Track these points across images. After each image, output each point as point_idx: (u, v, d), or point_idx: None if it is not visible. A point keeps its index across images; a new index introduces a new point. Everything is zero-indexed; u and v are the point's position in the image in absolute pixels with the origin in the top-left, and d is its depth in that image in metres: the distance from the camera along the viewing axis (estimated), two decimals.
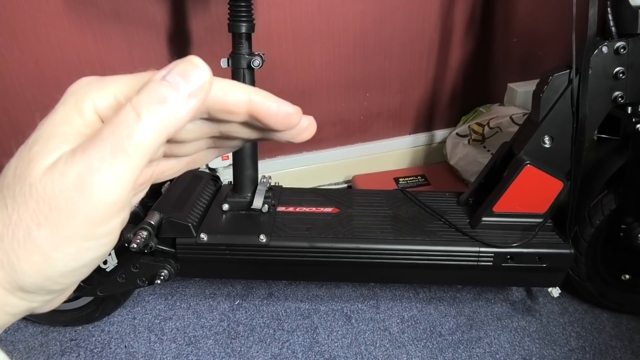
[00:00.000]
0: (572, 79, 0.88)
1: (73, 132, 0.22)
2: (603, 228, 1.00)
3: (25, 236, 0.21)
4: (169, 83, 0.21)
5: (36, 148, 0.21)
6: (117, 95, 0.22)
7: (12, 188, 0.21)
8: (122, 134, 0.20)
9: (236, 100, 0.23)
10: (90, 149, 0.20)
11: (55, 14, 1.07)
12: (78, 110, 0.22)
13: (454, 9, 1.35)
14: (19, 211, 0.21)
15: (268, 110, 0.24)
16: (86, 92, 0.22)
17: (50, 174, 0.20)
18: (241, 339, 1.05)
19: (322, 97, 1.37)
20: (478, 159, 1.31)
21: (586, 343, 1.04)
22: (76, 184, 0.20)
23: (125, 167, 0.21)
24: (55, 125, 0.22)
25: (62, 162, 0.21)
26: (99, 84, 0.23)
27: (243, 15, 0.90)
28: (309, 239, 0.94)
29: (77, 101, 0.22)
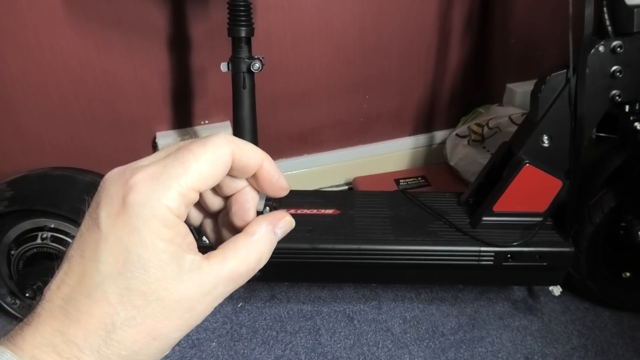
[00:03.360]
0: (569, 79, 0.89)
1: (173, 244, 0.24)
2: (603, 226, 1.00)
3: (147, 330, 0.24)
4: (278, 237, 0.29)
5: (145, 254, 0.24)
6: (182, 193, 0.24)
7: (123, 282, 0.23)
8: (255, 267, 0.27)
9: (255, 163, 0.27)
10: (229, 264, 0.26)
11: (57, 21, 1.08)
12: (164, 224, 0.24)
13: (452, 10, 1.36)
14: (133, 308, 0.23)
15: (270, 179, 0.28)
16: (157, 201, 0.24)
17: (181, 284, 0.24)
18: (244, 341, 1.06)
19: (322, 99, 1.38)
20: (478, 159, 1.32)
21: (588, 341, 1.04)
22: (209, 291, 0.25)
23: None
24: (152, 243, 0.24)
25: (197, 271, 0.25)
26: (161, 186, 0.24)
27: (242, 19, 0.91)
28: (311, 241, 0.95)
29: (155, 213, 0.24)
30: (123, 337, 0.23)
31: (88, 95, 1.17)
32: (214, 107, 1.29)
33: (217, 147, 0.25)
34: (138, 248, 0.23)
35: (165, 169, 0.24)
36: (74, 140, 1.22)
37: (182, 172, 0.24)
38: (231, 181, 0.29)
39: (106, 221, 0.24)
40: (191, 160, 0.25)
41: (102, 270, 0.23)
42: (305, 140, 1.43)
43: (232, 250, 0.26)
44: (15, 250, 0.98)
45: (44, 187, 0.97)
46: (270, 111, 1.34)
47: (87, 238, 0.24)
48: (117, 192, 0.24)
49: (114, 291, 0.23)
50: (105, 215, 0.24)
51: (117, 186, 0.24)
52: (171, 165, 0.24)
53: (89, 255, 0.24)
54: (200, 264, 0.25)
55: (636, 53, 0.88)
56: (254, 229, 0.27)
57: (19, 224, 0.97)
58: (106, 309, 0.23)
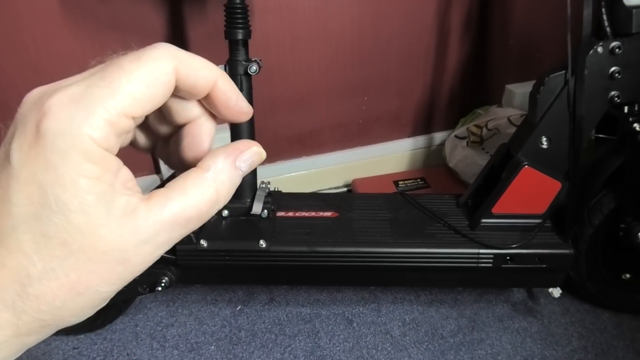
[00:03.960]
0: (568, 80, 0.89)
1: (100, 182, 0.20)
2: (602, 228, 1.00)
3: (70, 283, 0.20)
4: (242, 171, 0.24)
5: (70, 195, 0.20)
6: (109, 120, 0.20)
7: (39, 228, 0.20)
8: (210, 210, 0.23)
9: (205, 82, 0.23)
10: (173, 206, 0.21)
11: (54, 24, 1.07)
12: (87, 158, 0.20)
13: (450, 11, 1.36)
14: (51, 258, 0.20)
15: (226, 102, 0.24)
16: (77, 130, 0.19)
17: (111, 232, 0.20)
18: (243, 344, 1.05)
19: (320, 101, 1.38)
20: (477, 161, 1.31)
21: (588, 343, 1.03)
22: (147, 239, 0.21)
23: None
24: (72, 182, 0.20)
25: (132, 215, 0.20)
26: (82, 111, 0.20)
27: (239, 22, 0.90)
28: (309, 244, 0.95)
29: (74, 145, 0.19)
30: (42, 291, 0.20)
31: None
32: None
33: (155, 62, 0.21)
34: (55, 187, 0.19)
35: (88, 90, 0.20)
36: None
37: (109, 94, 0.20)
38: (181, 106, 0.24)
39: (18, 154, 0.20)
40: (121, 78, 0.20)
41: (14, 213, 0.19)
42: (303, 142, 1.43)
43: (180, 188, 0.22)
44: None
45: None
46: (268, 113, 1.34)
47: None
48: (31, 118, 0.20)
49: (28, 238, 0.19)
50: (17, 147, 0.20)
51: (32, 111, 0.20)
52: (96, 84, 0.20)
53: (0, 196, 0.20)
54: (136, 206, 0.21)
55: (635, 54, 0.87)
56: (208, 163, 0.23)
57: None
58: (20, 258, 0.20)
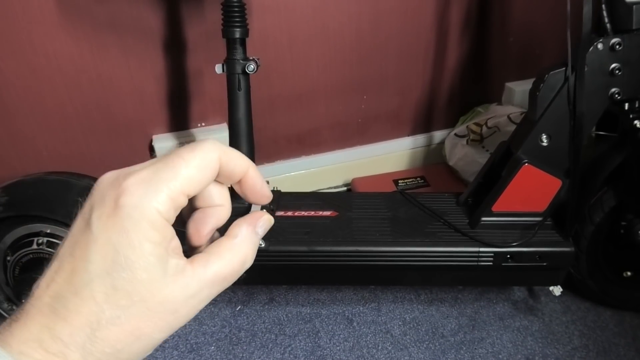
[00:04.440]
0: (568, 77, 0.88)
1: (159, 247, 0.25)
2: (603, 225, 0.99)
3: (131, 329, 0.24)
4: (259, 236, 0.29)
5: (138, 256, 0.24)
6: (171, 197, 0.25)
7: (110, 282, 0.24)
8: (241, 270, 0.28)
9: (240, 170, 0.28)
10: (212, 267, 0.26)
11: (50, 25, 1.07)
12: (153, 227, 0.24)
13: (449, 9, 1.36)
14: (118, 307, 0.24)
15: (254, 187, 0.29)
16: (148, 204, 0.24)
17: (166, 287, 0.25)
18: (243, 344, 1.05)
19: (319, 100, 1.37)
20: (477, 159, 1.31)
21: (589, 341, 1.03)
22: (193, 295, 0.26)
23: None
24: (140, 245, 0.24)
25: (181, 275, 0.25)
26: (151, 190, 0.24)
27: (236, 20, 0.90)
28: (308, 243, 0.94)
29: (145, 216, 0.24)
30: (107, 335, 0.24)
31: (83, 99, 1.17)
32: (210, 109, 1.29)
33: (206, 153, 0.26)
34: (126, 249, 0.23)
35: (156, 174, 0.25)
36: (69, 144, 1.21)
37: (172, 177, 0.25)
38: (208, 195, 0.29)
39: (97, 222, 0.24)
40: (181, 165, 0.25)
41: (90, 269, 0.24)
42: (302, 141, 1.42)
43: (216, 253, 0.27)
44: (12, 256, 0.97)
45: (40, 193, 0.96)
46: (267, 113, 1.33)
47: (78, 238, 0.24)
48: (109, 194, 0.24)
49: (101, 290, 0.23)
50: (97, 217, 0.24)
51: (110, 189, 0.25)
52: (162, 169, 0.25)
53: (79, 255, 0.24)
54: (184, 267, 0.25)
55: (635, 50, 0.87)
56: (235, 232, 0.28)
57: (14, 230, 0.96)
58: (93, 307, 0.23)
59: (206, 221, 0.28)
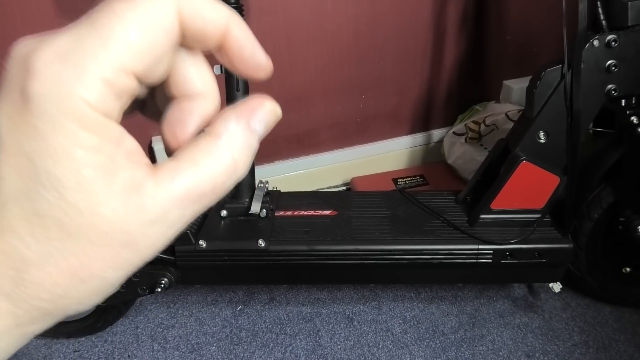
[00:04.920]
0: (564, 74, 0.89)
1: (99, 153, 0.17)
2: (602, 221, 1.00)
3: (71, 269, 0.18)
4: (258, 133, 0.21)
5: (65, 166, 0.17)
6: (106, 78, 0.17)
7: (31, 207, 0.17)
8: (226, 182, 0.19)
9: (215, 26, 0.20)
10: (184, 180, 0.18)
11: (49, 26, 1.06)
12: (82, 125, 0.17)
13: (446, 8, 1.36)
14: (48, 240, 0.17)
15: (241, 50, 0.21)
16: (68, 93, 0.17)
17: (112, 208, 0.17)
18: (244, 344, 1.05)
19: (318, 100, 1.37)
20: (475, 157, 1.31)
21: (589, 337, 1.03)
22: (155, 219, 0.18)
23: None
24: (65, 153, 0.17)
25: (136, 192, 0.18)
26: (72, 69, 0.17)
27: None
28: (308, 243, 0.94)
29: (65, 110, 0.17)
30: (40, 277, 0.17)
31: None
32: None
33: (153, 2, 0.18)
34: (45, 160, 0.17)
35: (77, 42, 0.17)
36: None
37: (102, 45, 0.17)
38: (182, 78, 0.21)
39: (6, 121, 0.17)
40: (114, 24, 0.17)
41: (2, 189, 0.17)
42: (302, 141, 1.43)
43: (190, 159, 0.19)
44: None
45: None
46: None
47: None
48: (16, 77, 0.17)
49: (20, 217, 0.17)
50: (5, 113, 0.17)
51: (17, 68, 0.17)
52: (86, 34, 0.17)
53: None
54: (142, 181, 0.18)
55: (631, 47, 0.87)
56: (219, 128, 0.19)
57: None
58: (12, 240, 0.17)
59: (185, 120, 0.20)
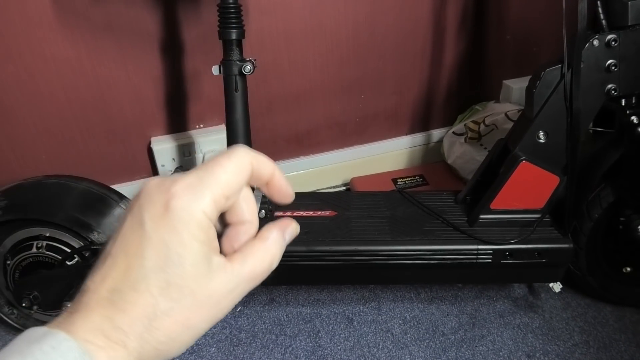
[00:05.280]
0: (564, 74, 0.88)
1: (205, 245, 0.27)
2: (602, 221, 0.99)
3: (182, 320, 0.27)
4: (286, 241, 0.32)
5: (187, 253, 0.27)
6: (215, 200, 0.28)
7: (164, 277, 0.26)
8: (269, 268, 0.30)
9: (268, 173, 0.31)
10: (248, 265, 0.29)
11: (48, 28, 1.07)
12: (200, 227, 0.27)
13: (446, 7, 1.36)
14: (171, 299, 0.26)
15: (280, 188, 0.32)
16: (195, 207, 0.27)
17: (211, 281, 0.27)
18: (244, 345, 1.05)
19: (317, 100, 1.37)
20: (475, 157, 1.31)
21: (590, 337, 1.03)
22: (233, 289, 0.28)
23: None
24: (189, 243, 0.27)
25: (223, 271, 0.28)
26: (198, 194, 0.27)
27: (233, 22, 0.90)
28: (307, 243, 0.94)
29: (193, 218, 0.27)
30: (162, 325, 0.26)
31: (81, 102, 1.17)
32: (208, 110, 1.29)
33: (240, 159, 0.29)
34: (178, 247, 0.26)
35: (200, 180, 0.28)
36: (68, 147, 1.21)
37: (214, 182, 0.28)
38: (239, 210, 0.32)
39: (150, 223, 0.27)
40: (220, 171, 0.28)
41: (145, 265, 0.26)
42: (301, 141, 1.42)
43: (251, 253, 0.30)
44: (11, 260, 0.97)
45: (39, 196, 0.96)
46: (265, 113, 1.34)
47: (131, 237, 0.27)
48: (159, 198, 0.27)
49: (155, 284, 0.26)
50: (149, 218, 0.27)
51: (159, 193, 0.27)
52: (205, 176, 0.28)
53: (133, 253, 0.27)
54: (225, 264, 0.28)
55: (631, 46, 0.87)
56: (267, 235, 0.31)
57: (14, 234, 0.96)
58: (149, 299, 0.26)
59: (239, 238, 0.31)
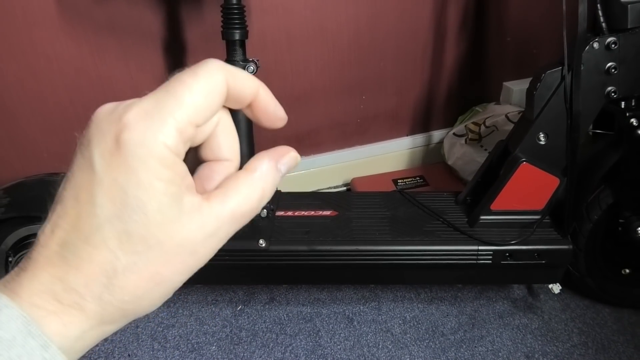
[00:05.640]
0: (564, 76, 0.89)
1: (173, 184, 0.23)
2: (601, 223, 1.00)
3: (149, 275, 0.23)
4: (282, 173, 0.27)
5: (144, 191, 0.22)
6: (179, 129, 0.23)
7: (122, 227, 0.22)
8: (258, 206, 0.26)
9: (250, 91, 0.26)
10: (230, 203, 0.25)
11: (51, 27, 1.08)
12: (162, 164, 0.22)
13: (447, 9, 1.36)
14: (134, 252, 0.22)
15: (266, 109, 0.27)
16: (154, 139, 0.22)
17: (183, 227, 0.23)
18: (244, 344, 1.05)
19: (318, 101, 1.38)
20: (475, 158, 1.32)
21: (588, 338, 1.04)
22: (212, 233, 0.24)
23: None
24: (150, 184, 0.22)
25: (198, 213, 0.23)
26: (156, 122, 0.22)
27: (236, 22, 0.91)
28: (308, 243, 0.95)
29: (152, 152, 0.22)
30: (125, 283, 0.23)
31: (84, 100, 1.17)
32: None
33: (210, 76, 0.24)
34: (136, 190, 0.22)
35: (158, 104, 0.23)
36: (70, 145, 1.20)
37: (177, 106, 0.23)
38: (216, 145, 0.27)
39: (100, 161, 0.22)
40: (184, 91, 0.23)
41: (98, 213, 0.22)
42: (302, 142, 1.43)
43: (233, 188, 0.25)
44: (13, 257, 0.97)
45: (41, 193, 0.97)
46: None
47: (80, 179, 0.23)
48: (109, 129, 0.22)
49: (112, 236, 0.22)
50: (99, 155, 0.22)
51: (109, 123, 0.23)
52: (164, 99, 0.23)
53: (84, 198, 0.22)
54: (200, 204, 0.24)
55: (631, 49, 0.88)
56: (254, 165, 0.26)
57: (16, 231, 0.97)
58: (106, 254, 0.22)
59: (213, 178, 0.26)
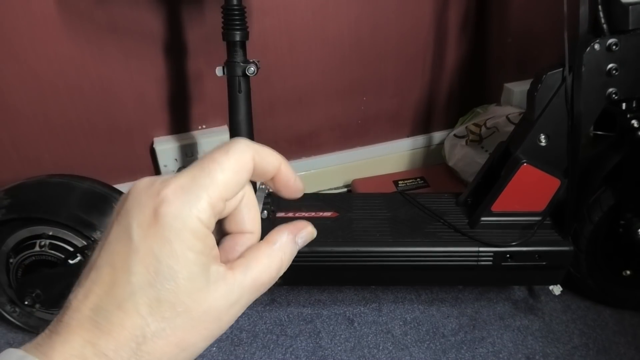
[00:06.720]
0: (565, 77, 0.89)
1: (203, 255, 0.24)
2: (602, 224, 1.00)
3: (176, 341, 0.24)
4: (299, 246, 0.29)
5: (179, 267, 0.24)
6: (211, 204, 0.24)
7: (154, 294, 0.23)
8: (276, 276, 0.28)
9: (273, 167, 0.28)
10: (252, 273, 0.26)
11: (52, 28, 1.08)
12: (195, 236, 0.24)
13: (448, 10, 1.36)
14: (163, 319, 0.23)
15: (287, 182, 0.29)
16: (189, 213, 0.24)
17: (209, 295, 0.24)
18: (244, 345, 1.05)
19: (319, 102, 1.38)
20: (476, 160, 1.31)
21: (589, 340, 1.03)
22: (235, 301, 0.25)
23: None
24: (183, 255, 0.24)
25: (223, 282, 0.25)
26: (191, 198, 0.24)
27: (237, 23, 0.91)
28: (309, 244, 0.94)
29: (186, 226, 0.23)
30: (153, 348, 0.23)
31: (85, 102, 1.17)
32: (211, 111, 1.29)
33: (240, 154, 0.26)
34: (169, 259, 0.23)
35: (194, 181, 0.24)
36: (71, 147, 1.22)
37: (210, 183, 0.24)
38: (240, 219, 0.29)
39: (138, 231, 0.24)
40: (217, 169, 0.25)
41: (133, 281, 0.23)
42: (303, 143, 1.43)
43: (255, 259, 0.27)
44: (14, 259, 0.97)
45: (42, 195, 0.97)
46: (267, 115, 1.34)
47: (117, 247, 0.24)
48: (148, 203, 0.24)
49: (144, 302, 0.23)
50: (137, 225, 0.24)
51: (147, 197, 0.24)
52: (199, 176, 0.24)
53: (120, 266, 0.24)
54: (225, 274, 0.25)
55: (632, 50, 0.87)
56: (275, 238, 0.28)
57: (17, 232, 0.97)
58: (137, 320, 0.23)
59: (236, 249, 0.28)
